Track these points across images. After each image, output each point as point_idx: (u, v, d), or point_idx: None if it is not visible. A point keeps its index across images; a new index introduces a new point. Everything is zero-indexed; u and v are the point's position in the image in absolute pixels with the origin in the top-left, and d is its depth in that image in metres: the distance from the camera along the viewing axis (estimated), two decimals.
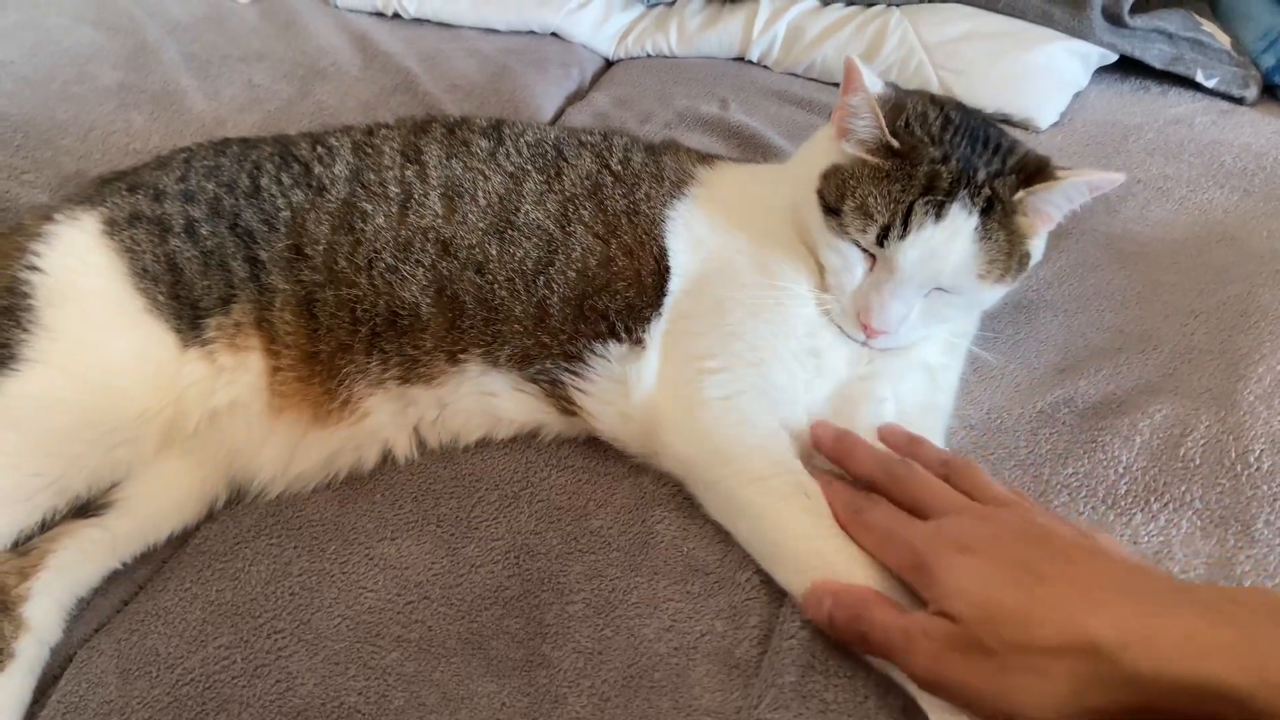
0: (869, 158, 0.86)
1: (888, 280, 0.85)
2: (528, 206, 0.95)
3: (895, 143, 0.84)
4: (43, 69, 1.46)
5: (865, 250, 0.86)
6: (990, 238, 0.83)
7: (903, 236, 0.82)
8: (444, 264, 0.92)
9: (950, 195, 0.82)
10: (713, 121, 1.47)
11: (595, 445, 0.93)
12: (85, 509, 0.88)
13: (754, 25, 1.68)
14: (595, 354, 0.89)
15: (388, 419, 0.93)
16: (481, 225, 0.94)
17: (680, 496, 0.87)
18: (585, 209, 0.95)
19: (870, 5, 1.65)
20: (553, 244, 0.93)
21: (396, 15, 1.79)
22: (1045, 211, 0.86)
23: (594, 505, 0.88)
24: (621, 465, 0.91)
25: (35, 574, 0.82)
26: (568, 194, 0.96)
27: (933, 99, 0.92)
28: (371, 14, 1.79)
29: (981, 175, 0.84)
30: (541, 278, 0.91)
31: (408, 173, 0.97)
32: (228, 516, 0.91)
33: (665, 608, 0.79)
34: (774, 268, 0.90)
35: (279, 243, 0.93)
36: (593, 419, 0.90)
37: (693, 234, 0.94)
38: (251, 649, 0.78)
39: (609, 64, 1.78)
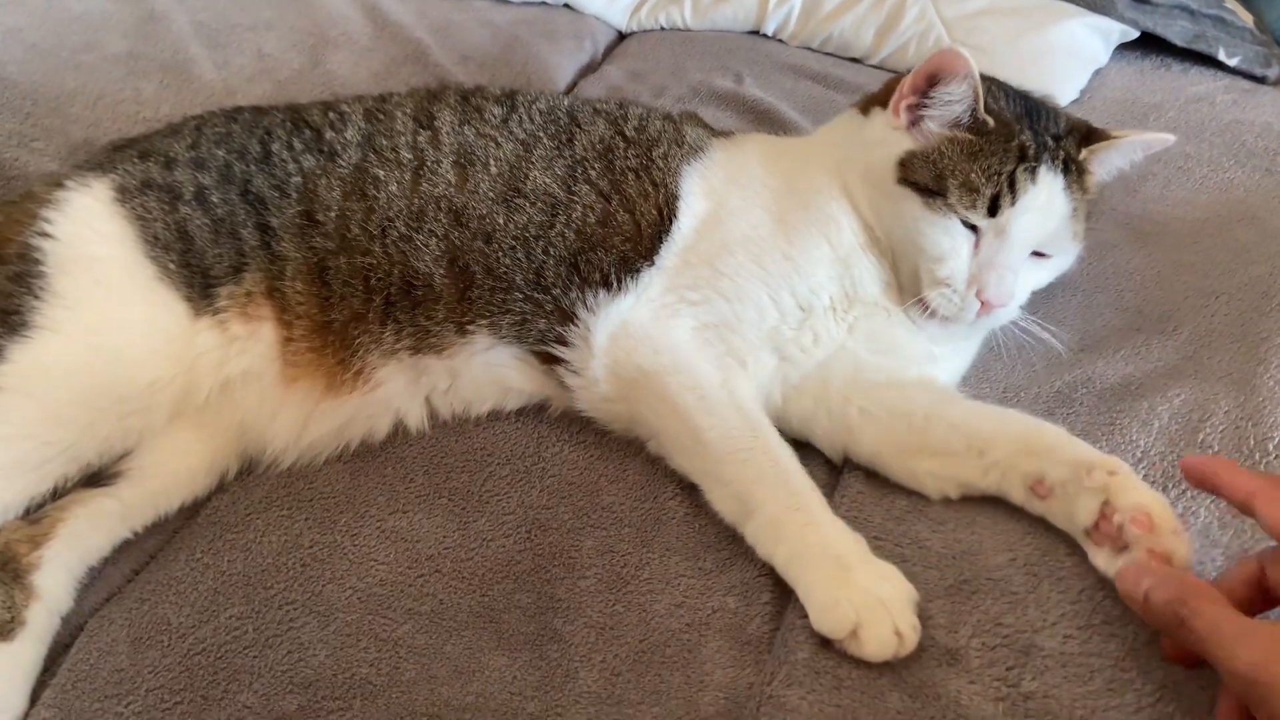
0: (960, 135, 0.88)
1: (999, 250, 0.87)
2: (536, 173, 0.95)
3: (991, 120, 0.87)
4: (52, 36, 1.45)
5: (970, 229, 0.87)
6: (1073, 194, 0.89)
7: (1013, 203, 0.85)
8: (456, 234, 0.92)
9: (1038, 159, 0.87)
10: (727, 95, 1.45)
11: None
12: (96, 478, 0.87)
13: None
14: (586, 307, 0.90)
15: (400, 389, 0.92)
16: (492, 194, 0.93)
17: None
18: (593, 169, 0.95)
19: None
20: (555, 207, 0.93)
21: None
22: (1099, 170, 0.92)
23: (606, 481, 0.88)
24: (634, 442, 0.90)
25: (46, 542, 0.82)
26: (578, 157, 0.96)
27: (980, 75, 0.93)
28: None
29: (1049, 139, 0.88)
30: (541, 241, 0.92)
31: (420, 139, 0.96)
32: (239, 488, 0.91)
33: (677, 583, 0.79)
34: (797, 230, 0.91)
35: (290, 209, 0.93)
36: (575, 379, 0.90)
37: (709, 184, 0.96)
38: (263, 620, 0.78)
39: (622, 36, 1.76)
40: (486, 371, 0.93)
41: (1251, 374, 0.91)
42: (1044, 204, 0.87)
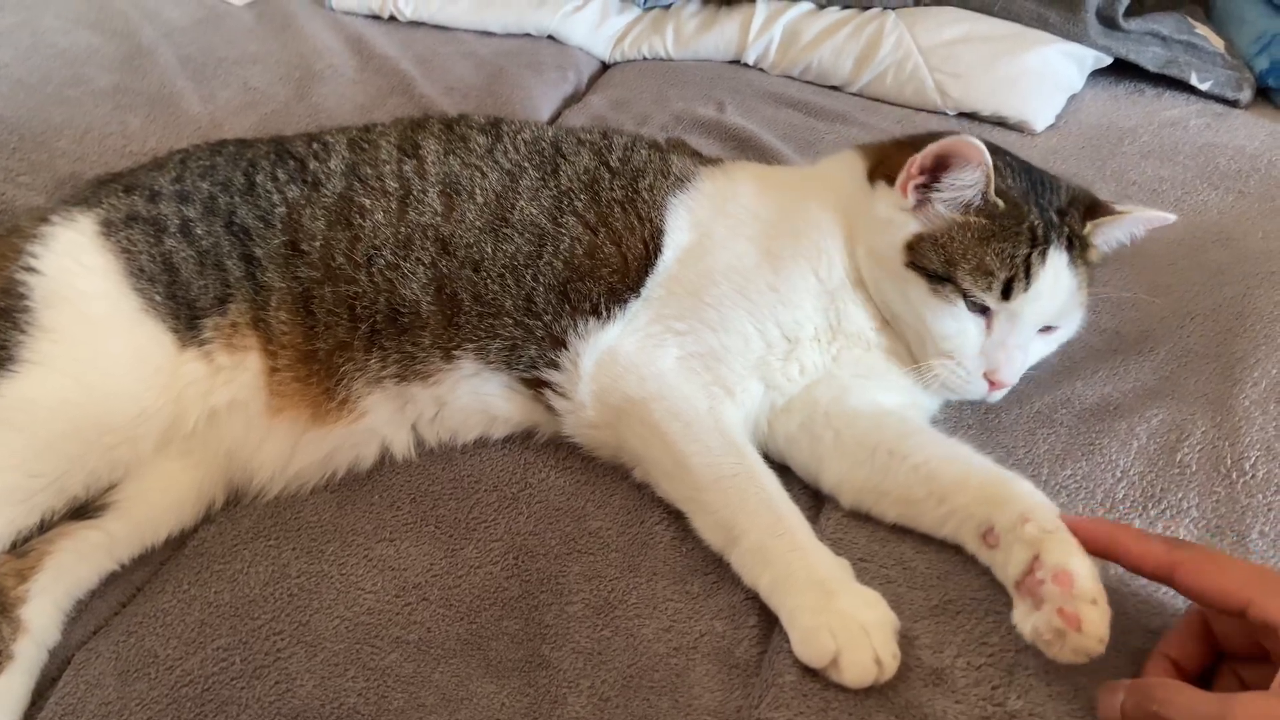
0: (971, 219, 0.87)
1: (1011, 332, 0.87)
2: (523, 203, 0.95)
3: (1001, 203, 0.87)
4: (38, 71, 1.46)
5: (979, 311, 0.87)
6: (1077, 269, 0.89)
7: (1027, 288, 0.85)
8: (444, 262, 0.93)
9: (1047, 240, 0.86)
10: (709, 124, 1.47)
11: None
12: (83, 511, 0.87)
13: (750, 28, 1.68)
14: (576, 334, 0.90)
15: (386, 418, 0.93)
16: (479, 223, 0.94)
17: None
18: (579, 201, 0.96)
19: (866, 9, 1.65)
20: (543, 237, 0.94)
21: (392, 18, 1.78)
22: (1100, 243, 0.92)
23: (593, 506, 0.88)
24: (620, 467, 0.91)
25: (33, 576, 0.82)
26: (563, 189, 0.97)
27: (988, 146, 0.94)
28: (367, 16, 1.79)
29: (1053, 214, 0.88)
30: (530, 271, 0.92)
31: (406, 168, 0.97)
32: (225, 519, 0.91)
33: (664, 608, 0.79)
34: (784, 261, 0.92)
35: (275, 239, 0.93)
36: (562, 402, 0.91)
37: (695, 216, 0.96)
38: (250, 650, 0.77)
39: (605, 67, 1.78)
40: (473, 399, 0.93)
41: (1227, 394, 0.92)
42: (1052, 284, 0.87)
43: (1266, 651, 0.62)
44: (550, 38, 1.77)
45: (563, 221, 0.95)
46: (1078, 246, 0.89)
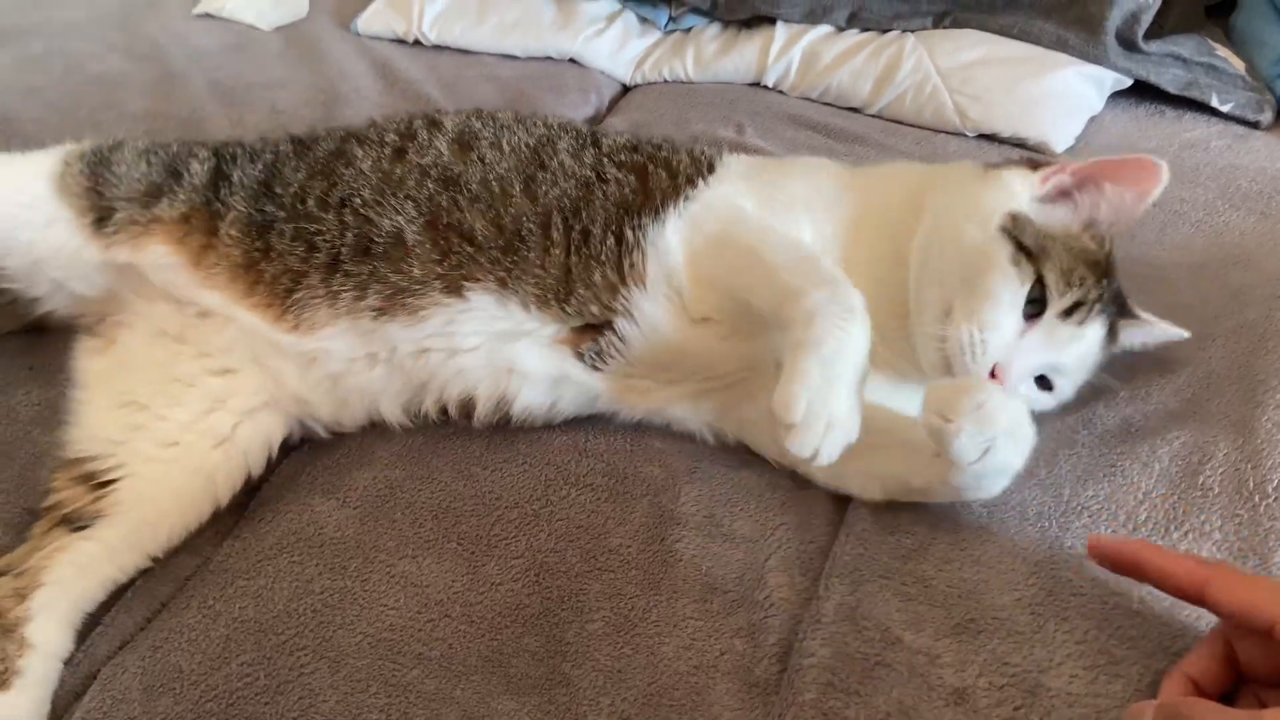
0: (1083, 239, 0.91)
1: (1040, 347, 0.88)
2: (563, 156, 0.99)
3: (1109, 245, 0.92)
4: (70, 96, 1.49)
5: (1032, 314, 0.88)
6: (1104, 347, 0.93)
7: (1081, 322, 0.88)
8: (445, 195, 0.95)
9: (1105, 308, 0.91)
10: (729, 145, 1.47)
11: (615, 464, 0.94)
12: (75, 525, 0.88)
13: (770, 50, 1.69)
14: (646, 238, 0.94)
15: (347, 346, 0.95)
16: (503, 165, 0.98)
17: (700, 515, 0.88)
18: (621, 157, 1.01)
19: (885, 31, 1.67)
20: (589, 184, 0.97)
21: (417, 42, 1.81)
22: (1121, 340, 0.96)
23: (613, 524, 0.89)
24: (640, 484, 0.92)
25: (33, 593, 0.83)
26: (604, 151, 1.01)
27: None
28: (392, 40, 1.81)
29: (1104, 295, 0.91)
30: (584, 212, 0.95)
31: (416, 123, 1.02)
32: (249, 534, 0.92)
33: (685, 626, 0.79)
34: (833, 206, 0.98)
35: (253, 173, 1.00)
36: (645, 252, 0.94)
37: (752, 171, 1.04)
38: (274, 666, 0.78)
39: (626, 89, 1.79)
40: (488, 352, 0.94)
41: (1250, 416, 0.91)
42: (1092, 341, 0.90)
43: None
44: (572, 61, 1.78)
45: (606, 174, 0.98)
46: (1112, 331, 0.93)
